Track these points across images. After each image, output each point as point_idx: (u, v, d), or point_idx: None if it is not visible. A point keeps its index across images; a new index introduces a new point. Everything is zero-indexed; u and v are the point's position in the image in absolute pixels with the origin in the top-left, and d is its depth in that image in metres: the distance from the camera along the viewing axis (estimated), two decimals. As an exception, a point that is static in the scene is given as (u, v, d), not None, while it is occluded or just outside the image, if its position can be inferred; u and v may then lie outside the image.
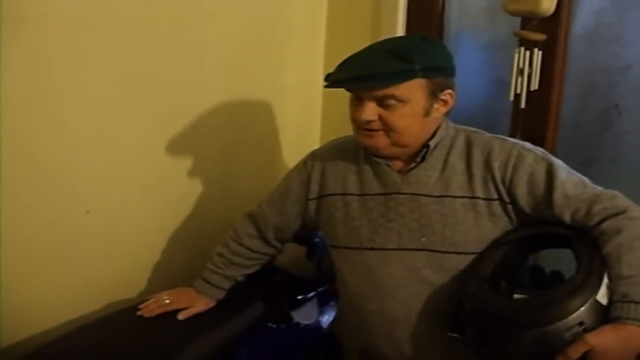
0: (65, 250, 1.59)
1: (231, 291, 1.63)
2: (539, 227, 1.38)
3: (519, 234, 1.39)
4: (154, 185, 1.76)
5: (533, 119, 1.89)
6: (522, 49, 1.82)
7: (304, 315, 1.80)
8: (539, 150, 1.42)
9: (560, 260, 1.38)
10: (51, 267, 1.57)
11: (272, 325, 1.74)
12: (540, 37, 1.80)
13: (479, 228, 1.39)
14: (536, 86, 1.83)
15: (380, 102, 1.36)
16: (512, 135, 1.88)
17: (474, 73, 2.11)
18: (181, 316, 1.53)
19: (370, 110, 1.36)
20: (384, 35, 2.01)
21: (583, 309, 1.13)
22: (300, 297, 1.80)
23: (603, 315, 1.14)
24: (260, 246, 1.65)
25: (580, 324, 1.13)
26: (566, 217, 1.32)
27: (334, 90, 1.41)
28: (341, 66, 1.40)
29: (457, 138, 1.47)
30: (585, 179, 1.37)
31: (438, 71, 1.38)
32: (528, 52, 1.81)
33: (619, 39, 1.83)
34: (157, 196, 1.78)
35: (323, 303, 1.88)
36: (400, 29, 2.06)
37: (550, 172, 1.35)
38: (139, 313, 1.53)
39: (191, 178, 1.87)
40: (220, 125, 1.92)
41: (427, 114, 1.40)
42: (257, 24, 1.99)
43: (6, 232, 1.45)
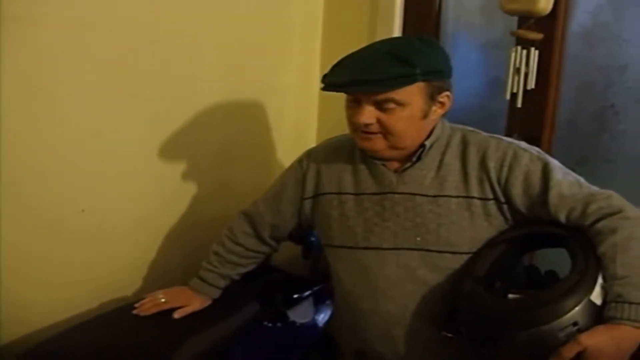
0: (61, 249, 1.59)
1: (227, 290, 1.63)
2: (534, 227, 1.38)
3: (514, 234, 1.39)
4: (150, 184, 1.76)
5: (529, 119, 1.89)
6: (519, 48, 1.82)
7: (299, 314, 1.80)
8: (534, 149, 1.42)
9: (555, 260, 1.38)
10: (47, 266, 1.57)
11: (268, 324, 1.73)
12: (537, 36, 1.80)
13: (474, 228, 1.39)
14: (533, 85, 1.83)
15: (379, 106, 1.35)
16: (509, 134, 1.88)
17: (470, 72, 2.11)
18: (177, 315, 1.53)
19: (369, 114, 1.36)
20: (380, 35, 2.01)
21: (577, 309, 1.13)
22: (296, 296, 1.80)
23: (597, 316, 1.14)
24: (255, 245, 1.65)
25: (575, 324, 1.12)
26: (561, 217, 1.31)
27: (330, 91, 1.40)
28: (338, 68, 1.39)
29: (453, 137, 1.46)
30: (581, 179, 1.37)
31: (437, 74, 1.37)
32: (525, 52, 1.81)
33: (615, 38, 1.83)
34: (153, 195, 1.78)
35: (319, 302, 1.88)
36: (397, 29, 2.06)
37: (546, 172, 1.35)
38: (135, 312, 1.53)
39: (187, 177, 1.87)
40: (216, 125, 1.92)
41: (425, 116, 1.39)
42: (254, 24, 1.99)
43: (2, 231, 1.45)
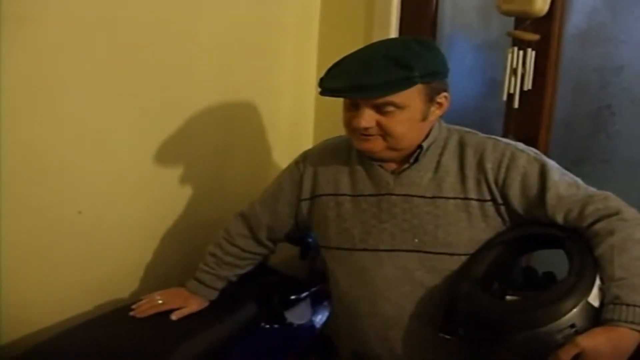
0: (58, 250, 1.58)
1: (224, 291, 1.63)
2: (531, 228, 1.38)
3: (511, 235, 1.39)
4: (146, 186, 1.76)
5: (526, 119, 1.89)
6: (516, 49, 1.82)
7: (297, 315, 1.80)
8: (532, 150, 1.42)
9: (553, 262, 1.38)
10: (44, 267, 1.56)
11: (265, 326, 1.74)
12: (533, 37, 1.80)
13: (471, 229, 1.39)
14: (529, 86, 1.83)
15: (378, 109, 1.35)
16: (505, 135, 1.88)
17: (467, 73, 2.11)
18: (174, 316, 1.53)
19: (369, 117, 1.35)
20: (377, 36, 2.01)
21: (575, 311, 1.13)
22: (293, 297, 1.80)
23: (595, 318, 1.14)
24: (252, 246, 1.64)
25: (572, 326, 1.13)
26: (559, 218, 1.31)
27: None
28: (335, 72, 1.38)
29: (450, 139, 1.46)
30: (578, 180, 1.37)
31: (435, 76, 1.37)
32: (521, 52, 1.81)
33: (611, 39, 1.83)
34: (150, 196, 1.78)
35: (316, 303, 1.88)
36: (393, 29, 2.05)
37: (543, 173, 1.35)
38: (132, 313, 1.53)
39: (184, 178, 1.86)
40: (212, 126, 1.91)
41: (425, 118, 1.39)
42: (251, 25, 1.98)
43: (2, 230, 1.44)
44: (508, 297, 1.25)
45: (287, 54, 2.16)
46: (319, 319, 1.86)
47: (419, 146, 1.43)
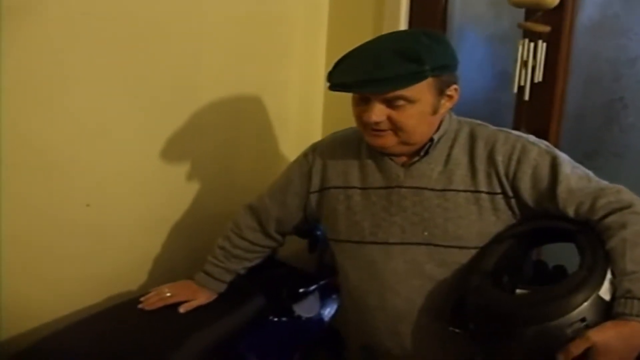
0: (66, 244, 1.59)
1: (233, 284, 1.63)
2: (542, 222, 1.37)
3: (522, 228, 1.38)
4: (154, 179, 1.76)
5: (537, 112, 1.87)
6: (526, 40, 1.80)
7: (305, 308, 1.80)
8: (543, 143, 1.40)
9: (564, 255, 1.37)
10: (52, 260, 1.57)
11: (274, 319, 1.74)
12: (544, 29, 1.78)
13: (481, 222, 1.38)
14: (540, 78, 1.81)
15: (389, 103, 1.33)
16: (516, 128, 1.87)
17: (477, 65, 2.10)
18: (182, 309, 1.53)
19: (380, 112, 1.34)
20: (386, 29, 1.99)
21: (585, 305, 1.12)
22: (302, 290, 1.80)
23: (606, 312, 1.13)
24: (261, 239, 1.64)
25: (582, 320, 1.12)
26: (570, 211, 1.30)
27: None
28: (344, 66, 1.36)
29: (461, 131, 1.45)
30: (590, 173, 1.36)
31: (445, 69, 1.36)
32: (532, 44, 1.79)
33: (624, 31, 1.81)
34: (158, 189, 1.78)
35: (325, 296, 1.87)
36: (403, 22, 2.04)
37: (555, 166, 1.34)
38: (140, 306, 1.53)
39: (192, 171, 1.86)
40: (221, 120, 1.91)
41: (435, 111, 1.38)
42: (258, 18, 1.97)
43: (7, 225, 1.45)
44: (518, 291, 1.24)
45: (296, 47, 2.15)
46: (328, 312, 1.86)
47: (430, 139, 1.42)
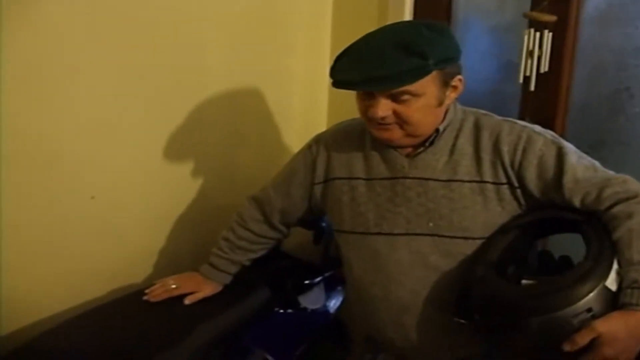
0: (70, 236, 1.59)
1: (238, 276, 1.63)
2: (547, 212, 1.36)
3: (527, 219, 1.37)
4: (159, 171, 1.76)
5: (542, 102, 1.86)
6: (532, 30, 1.79)
7: (311, 300, 1.80)
8: (548, 133, 1.40)
9: (569, 246, 1.36)
10: (56, 253, 1.57)
11: (279, 310, 1.74)
12: (550, 19, 1.77)
13: (487, 213, 1.37)
14: (546, 68, 1.80)
15: (394, 98, 1.32)
16: (522, 118, 1.86)
17: (482, 56, 2.09)
18: (187, 301, 1.53)
19: (385, 107, 1.33)
20: (391, 20, 1.98)
21: (592, 295, 1.12)
22: (307, 282, 1.79)
23: (612, 302, 1.13)
24: (265, 230, 1.64)
25: (589, 310, 1.11)
26: (576, 202, 1.29)
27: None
28: (346, 62, 1.35)
29: (466, 121, 1.44)
30: (596, 163, 1.35)
31: (449, 61, 1.34)
32: (538, 34, 1.79)
33: (631, 20, 1.80)
34: (163, 181, 1.78)
35: (330, 288, 1.87)
36: (407, 13, 2.03)
37: (560, 156, 1.33)
38: (145, 298, 1.53)
39: (196, 164, 1.86)
40: (225, 111, 1.91)
41: (441, 103, 1.37)
42: (262, 10, 1.97)
43: (9, 218, 1.45)
44: (524, 282, 1.24)
45: (300, 39, 2.14)
46: (333, 303, 1.86)
47: (436, 130, 1.41)
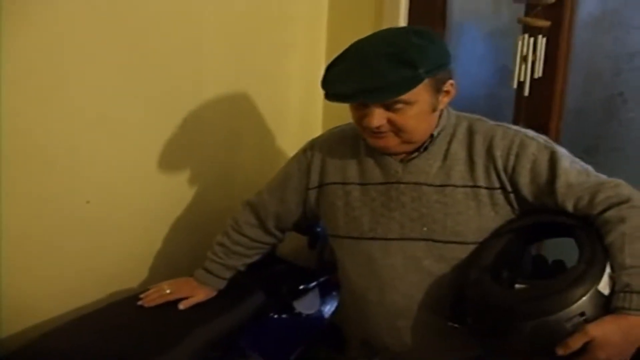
0: (66, 240, 1.58)
1: (232, 281, 1.63)
2: (541, 216, 1.36)
3: (520, 223, 1.37)
4: (155, 175, 1.76)
5: (537, 107, 1.87)
6: (526, 36, 1.80)
7: (305, 305, 1.80)
8: (541, 138, 1.40)
9: (563, 250, 1.37)
10: (52, 257, 1.56)
11: (274, 315, 1.73)
12: (544, 24, 1.78)
13: (480, 217, 1.38)
14: (540, 74, 1.81)
15: (388, 107, 1.33)
16: (516, 123, 1.85)
17: (477, 61, 2.10)
18: (182, 306, 1.53)
19: (379, 116, 1.33)
20: (386, 24, 1.99)
21: (584, 299, 1.12)
22: (302, 287, 1.80)
23: (605, 306, 1.13)
24: (260, 235, 1.64)
25: (582, 314, 1.11)
26: (569, 206, 1.30)
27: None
28: (337, 73, 1.35)
29: (459, 126, 1.45)
30: (589, 168, 1.35)
31: (440, 68, 1.34)
32: (532, 39, 1.79)
33: (624, 25, 1.81)
34: (158, 185, 1.78)
35: (325, 293, 1.87)
36: (402, 18, 2.04)
37: (553, 161, 1.33)
38: (140, 303, 1.53)
39: (192, 167, 1.86)
40: (221, 114, 1.91)
41: (434, 109, 1.38)
42: (259, 12, 1.97)
43: (7, 222, 1.44)
44: (517, 286, 1.24)
45: (297, 42, 2.15)
46: (328, 308, 1.86)
47: (430, 135, 1.42)
